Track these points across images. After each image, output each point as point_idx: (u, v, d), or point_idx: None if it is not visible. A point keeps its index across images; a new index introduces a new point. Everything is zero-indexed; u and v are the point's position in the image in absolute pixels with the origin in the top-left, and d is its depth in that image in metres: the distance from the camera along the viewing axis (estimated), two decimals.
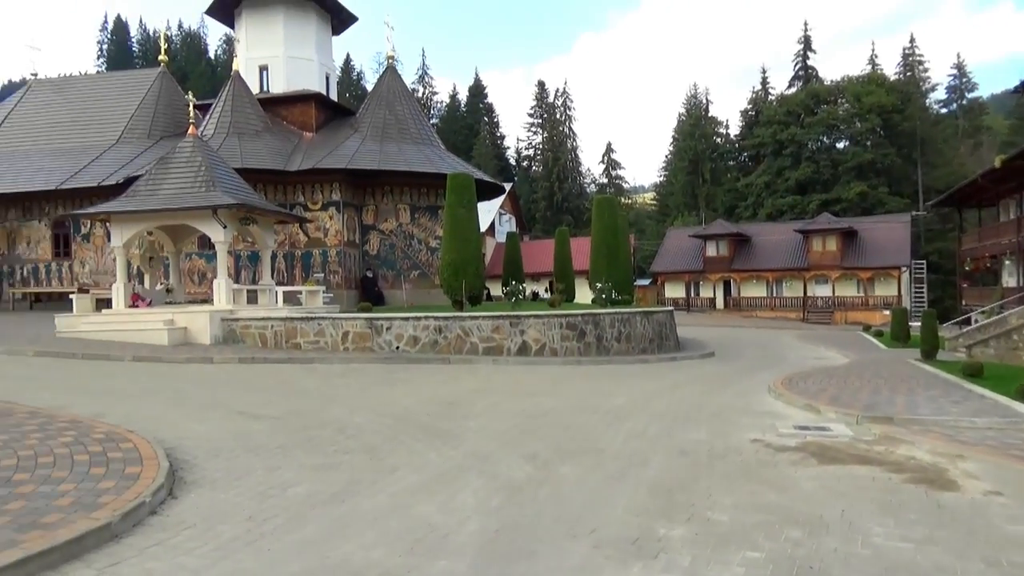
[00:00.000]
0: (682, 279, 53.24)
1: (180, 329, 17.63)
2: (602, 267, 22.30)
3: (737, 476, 6.79)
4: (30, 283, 29.41)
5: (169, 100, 32.40)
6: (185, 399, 10.76)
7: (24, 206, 29.54)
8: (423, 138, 29.45)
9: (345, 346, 17.05)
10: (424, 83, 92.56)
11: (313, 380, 13.16)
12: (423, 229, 28.16)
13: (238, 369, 14.60)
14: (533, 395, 11.59)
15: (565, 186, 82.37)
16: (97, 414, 8.87)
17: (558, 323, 17.11)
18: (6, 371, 13.33)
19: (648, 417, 9.78)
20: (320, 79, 31.08)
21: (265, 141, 26.94)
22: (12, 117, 33.84)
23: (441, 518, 5.55)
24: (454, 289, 18.48)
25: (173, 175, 19.12)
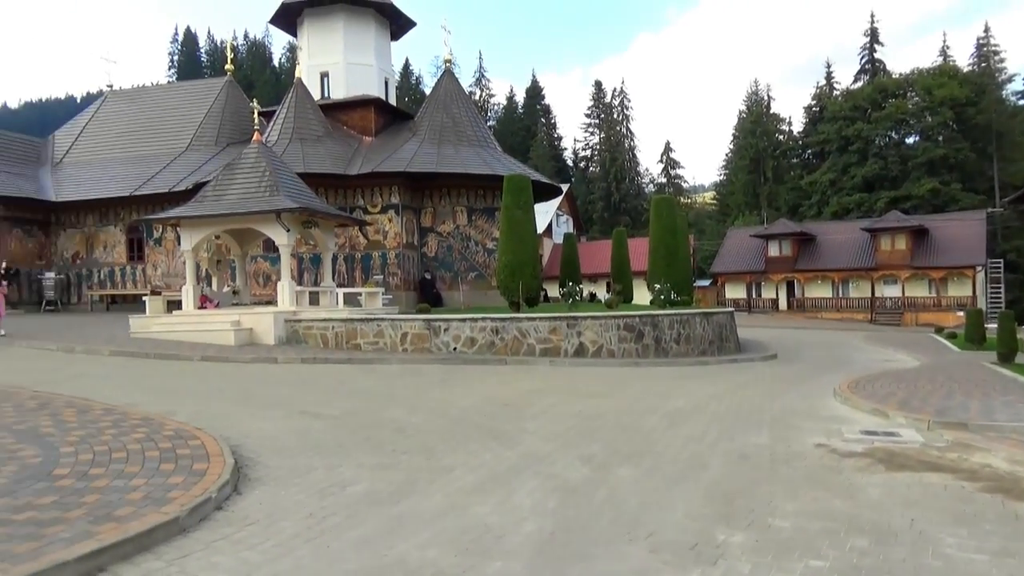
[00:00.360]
0: (743, 280, 52.19)
1: (246, 330, 18.14)
2: (660, 268, 22.03)
3: (800, 482, 6.61)
4: (106, 285, 30.71)
5: (235, 108, 33.41)
6: (250, 398, 11.06)
7: (101, 212, 30.87)
8: (480, 140, 29.63)
9: (404, 347, 17.26)
10: (481, 85, 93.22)
11: (372, 380, 13.36)
12: (480, 231, 28.32)
13: (300, 369, 14.94)
14: (590, 396, 11.52)
15: (623, 186, 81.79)
16: (167, 412, 9.19)
17: (616, 324, 16.97)
18: (85, 370, 13.94)
19: (708, 420, 9.61)
20: (379, 84, 31.58)
21: (326, 146, 27.51)
22: (90, 127, 35.44)
23: (496, 519, 5.56)
24: (511, 290, 18.52)
25: (239, 180, 19.70)
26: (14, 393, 10.36)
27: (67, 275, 30.96)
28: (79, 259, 31.05)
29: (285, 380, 13.17)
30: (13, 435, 7.61)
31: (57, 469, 6.34)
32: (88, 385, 11.65)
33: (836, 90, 75.45)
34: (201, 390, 11.73)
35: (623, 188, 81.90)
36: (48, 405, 9.38)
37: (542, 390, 12.23)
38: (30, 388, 10.93)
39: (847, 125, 65.12)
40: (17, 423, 8.23)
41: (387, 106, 31.77)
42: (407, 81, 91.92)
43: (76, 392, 10.61)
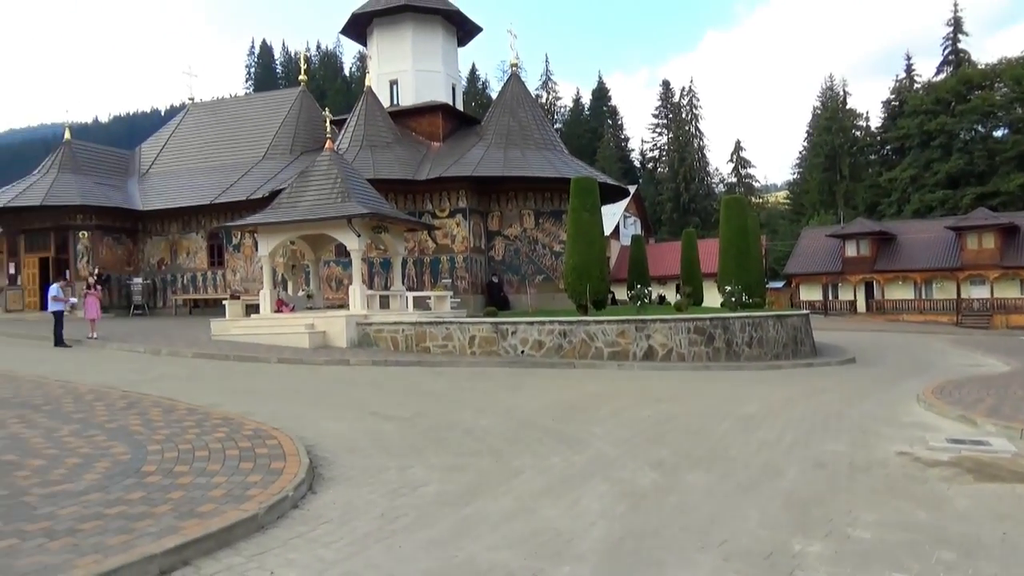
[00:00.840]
0: (818, 281, 50.57)
1: (319, 333, 18.62)
2: (731, 269, 21.57)
3: (881, 491, 6.37)
4: (189, 290, 32.01)
5: (308, 117, 34.38)
6: (324, 399, 11.35)
7: (184, 220, 32.21)
8: (546, 143, 29.63)
9: (472, 350, 17.40)
10: (547, 88, 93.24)
11: (441, 383, 13.51)
12: (547, 234, 28.32)
13: (371, 371, 15.24)
14: (659, 401, 11.37)
15: (692, 187, 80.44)
16: (246, 412, 9.52)
17: (685, 327, 16.70)
18: (170, 371, 14.58)
19: (782, 425, 9.36)
20: (447, 90, 31.96)
21: (395, 152, 28.00)
22: (173, 139, 37.06)
23: (565, 522, 5.55)
24: (578, 293, 18.45)
25: (312, 188, 20.26)
26: (106, 393, 10.91)
27: (153, 280, 32.41)
28: (164, 265, 32.47)
29: (357, 382, 13.46)
30: (105, 433, 8.02)
31: (145, 466, 6.65)
32: (172, 386, 12.17)
33: (917, 83, 72.38)
34: (277, 391, 12.10)
35: (692, 189, 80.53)
36: (136, 405, 9.84)
37: (610, 394, 12.14)
38: (120, 388, 11.49)
39: (929, 119, 62.34)
40: (109, 422, 8.67)
41: (454, 111, 32.10)
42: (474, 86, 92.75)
43: (162, 392, 11.10)
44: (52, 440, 7.66)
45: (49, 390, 11.23)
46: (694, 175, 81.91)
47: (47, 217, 30.52)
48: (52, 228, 30.77)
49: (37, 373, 13.54)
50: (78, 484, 6.06)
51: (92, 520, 5.18)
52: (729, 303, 20.19)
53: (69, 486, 6.00)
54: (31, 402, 10.11)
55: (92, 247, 30.94)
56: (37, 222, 30.76)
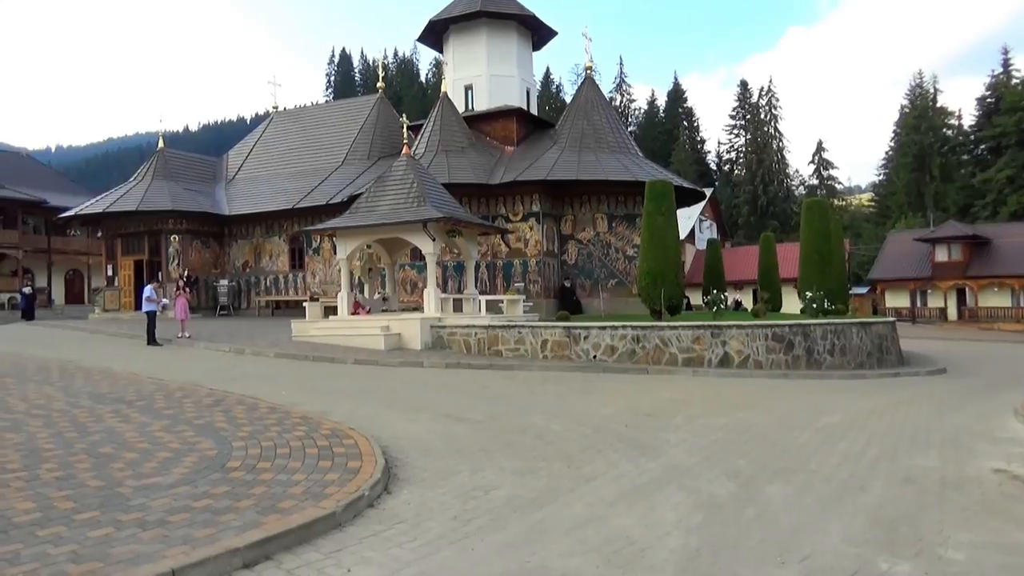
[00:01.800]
0: (906, 287, 48.43)
1: (395, 335, 18.97)
2: (812, 275, 20.88)
3: (976, 510, 6.03)
4: (272, 292, 33.14)
5: (386, 123, 35.12)
6: (398, 400, 11.54)
7: (267, 224, 33.38)
8: (620, 146, 29.39)
9: (544, 354, 17.39)
10: (621, 91, 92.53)
11: (513, 386, 13.55)
12: (620, 238, 28.07)
13: (444, 373, 15.41)
14: (736, 409, 11.09)
15: (770, 189, 78.33)
16: (324, 412, 9.77)
17: (763, 334, 16.26)
18: (253, 370, 15.11)
19: (867, 438, 8.98)
20: (521, 94, 32.09)
21: (469, 157, 28.28)
22: (258, 146, 38.50)
23: (639, 531, 5.47)
24: (652, 298, 18.21)
25: (389, 192, 20.67)
26: (193, 390, 11.40)
27: (238, 282, 33.72)
28: (248, 267, 33.72)
29: (430, 384, 13.64)
30: (193, 429, 8.38)
31: (230, 462, 6.91)
32: (255, 384, 12.61)
33: (1015, 78, 68.46)
34: (354, 391, 12.38)
35: (771, 191, 78.41)
36: (222, 402, 10.24)
37: (685, 401, 11.92)
38: (206, 386, 11.99)
39: None
40: (196, 418, 9.05)
41: (528, 115, 32.20)
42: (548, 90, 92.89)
43: (245, 391, 11.52)
44: (144, 434, 8.05)
45: (142, 387, 11.81)
46: (773, 177, 79.74)
47: (141, 222, 32.17)
48: (146, 232, 32.42)
49: (131, 370, 14.26)
50: (168, 477, 6.34)
51: (181, 512, 5.41)
52: (810, 309, 19.54)
53: (160, 479, 6.28)
54: (126, 398, 10.65)
55: (182, 250, 32.43)
56: (132, 226, 32.48)
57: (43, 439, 7.76)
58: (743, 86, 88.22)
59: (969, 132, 70.59)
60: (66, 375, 13.36)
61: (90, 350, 18.80)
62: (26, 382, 12.26)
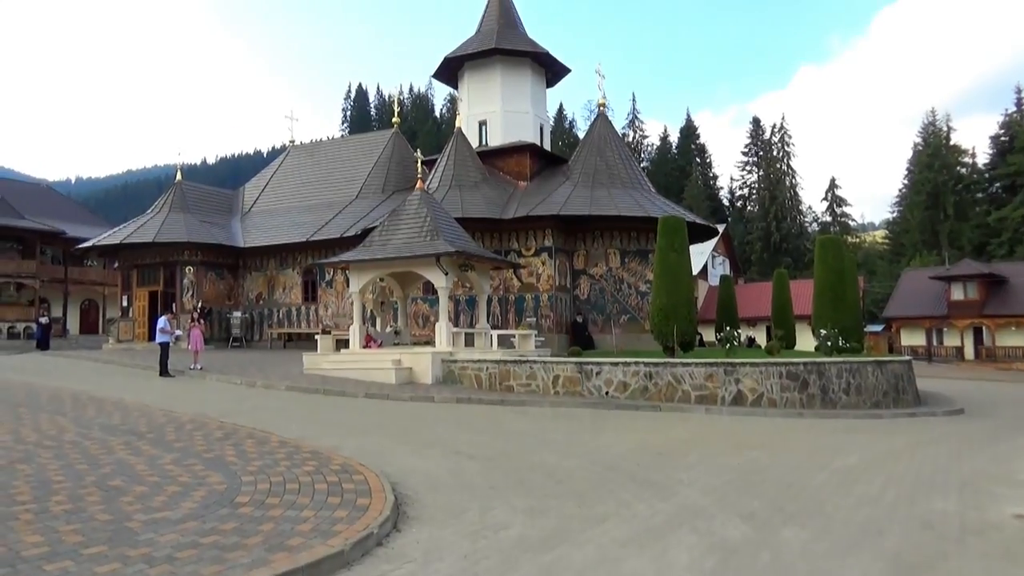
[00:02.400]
0: (921, 325, 47.99)
1: (406, 369, 18.94)
2: (827, 312, 20.75)
3: (997, 557, 5.89)
4: (284, 324, 33.26)
5: (400, 158, 35.50)
6: (408, 435, 11.48)
7: (281, 256, 33.64)
8: (633, 182, 29.54)
9: (555, 390, 17.30)
10: (634, 127, 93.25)
11: (524, 422, 13.46)
12: (633, 273, 28.06)
13: (455, 409, 15.35)
14: (750, 448, 10.95)
15: (783, 226, 78.25)
16: (334, 447, 9.73)
17: (777, 372, 16.11)
18: (264, 403, 15.11)
19: (883, 480, 8.83)
20: (534, 130, 32.42)
21: (483, 192, 28.49)
22: (275, 179, 38.98)
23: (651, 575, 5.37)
24: (665, 334, 18.13)
25: (402, 226, 20.81)
26: (204, 423, 11.40)
27: (251, 314, 33.88)
28: (261, 299, 33.90)
29: (441, 419, 13.58)
30: (203, 463, 8.36)
31: (239, 496, 6.87)
32: (266, 417, 12.60)
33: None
34: (364, 426, 12.33)
35: (784, 228, 78.32)
36: (232, 436, 10.22)
37: (698, 439, 11.79)
38: (217, 419, 11.99)
39: None
40: (206, 451, 9.04)
41: (541, 151, 32.48)
42: (561, 125, 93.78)
43: (256, 424, 11.50)
44: (155, 467, 8.03)
45: (153, 418, 11.82)
46: (785, 214, 79.72)
47: (157, 253, 32.49)
48: (161, 263, 32.70)
49: (143, 402, 14.29)
50: (176, 512, 6.31)
51: (188, 548, 5.37)
52: (824, 347, 19.38)
53: (168, 513, 6.26)
54: (136, 429, 10.66)
55: (196, 282, 32.67)
56: (148, 258, 32.79)
57: (53, 471, 7.77)
58: (755, 123, 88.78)
59: (983, 170, 70.47)
60: (78, 405, 13.41)
61: (103, 381, 18.88)
62: (39, 412, 12.31)
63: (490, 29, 33.16)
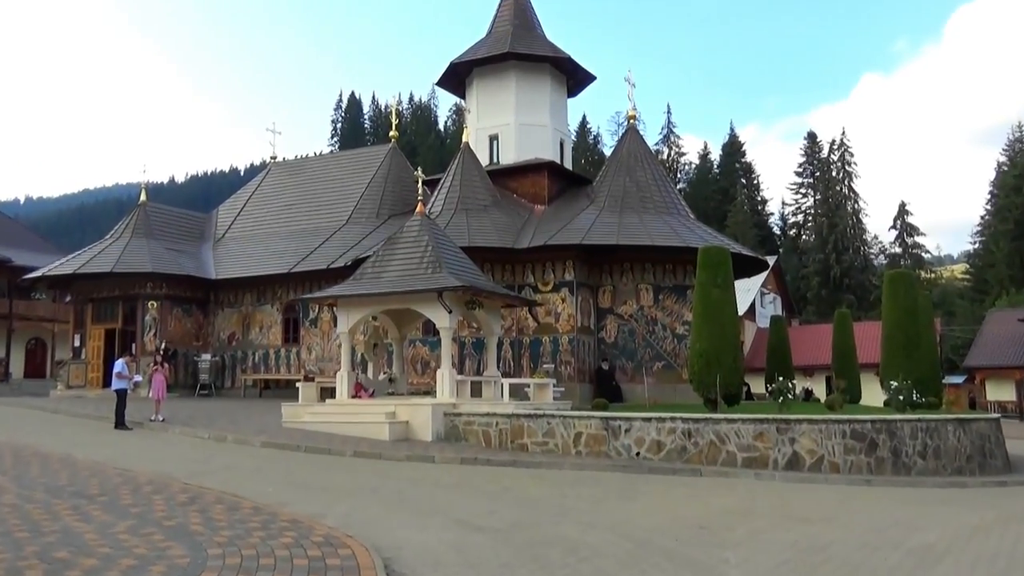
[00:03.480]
0: (1011, 376, 47.47)
1: (401, 423, 18.90)
2: (898, 360, 20.61)
3: None
4: (260, 369, 33.36)
5: (398, 177, 35.88)
6: (404, 502, 11.40)
7: (259, 290, 33.88)
8: (668, 207, 29.67)
9: (577, 449, 17.20)
10: (669, 143, 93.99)
11: (540, 488, 13.36)
12: (668, 313, 28.02)
13: (459, 471, 15.26)
14: (808, 522, 10.80)
15: (844, 258, 78.01)
16: (317, 514, 9.68)
17: (840, 431, 15.96)
18: (235, 461, 15.08)
19: (970, 561, 8.67)
20: (553, 146, 32.70)
21: (493, 217, 28.67)
22: (253, 200, 39.44)
23: None
24: (706, 385, 18.04)
25: (399, 256, 20.94)
26: (166, 484, 11.38)
27: (222, 357, 34.04)
28: (235, 340, 34.08)
29: (442, 483, 13.49)
30: (163, 532, 8.32)
31: (204, 572, 6.82)
32: (238, 479, 12.56)
33: None
34: (352, 489, 12.27)
35: (845, 260, 78.10)
36: (198, 500, 10.19)
37: (746, 510, 11.65)
38: (181, 479, 11.97)
39: None
40: (167, 518, 9.00)
41: (562, 170, 32.73)
42: (584, 140, 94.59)
43: (226, 486, 11.47)
44: (107, 536, 8.00)
45: (106, 478, 11.82)
46: (847, 244, 79.56)
47: (116, 285, 32.78)
48: (120, 297, 32.98)
49: (94, 459, 14.31)
50: None
51: None
52: (895, 402, 19.21)
53: None
54: (87, 491, 10.65)
55: (160, 319, 32.90)
56: (106, 290, 33.08)
57: None
58: (811, 139, 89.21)
59: None
60: (20, 462, 13.43)
61: (50, 433, 18.93)
62: None
63: (504, 31, 33.69)
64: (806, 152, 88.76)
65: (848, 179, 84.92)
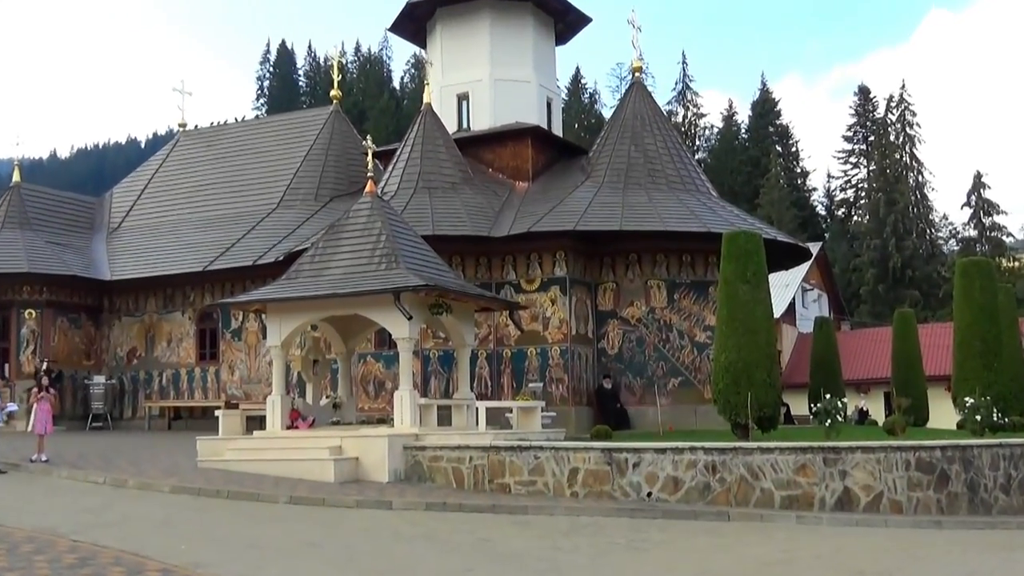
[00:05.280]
0: None
1: (350, 460, 18.84)
2: (974, 371, 20.79)
3: None
4: (169, 395, 33.09)
5: (342, 148, 35.72)
6: (354, 560, 11.36)
7: (166, 294, 33.59)
8: (685, 182, 29.73)
9: (572, 490, 17.23)
10: (685, 102, 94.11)
11: (527, 539, 13.38)
12: (686, 316, 28.07)
13: (425, 519, 15.21)
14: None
15: (906, 244, 78.53)
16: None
17: (902, 461, 16.07)
18: (138, 512, 14.96)
19: None
20: (539, 106, 32.60)
21: (463, 197, 28.59)
22: (156, 180, 39.12)
23: None
24: (734, 406, 18.13)
25: (345, 249, 20.88)
26: (50, 542, 11.27)
27: (120, 379, 33.74)
28: (136, 357, 33.78)
29: (403, 535, 13.47)
30: None
31: None
32: (141, 533, 12.45)
33: None
34: (288, 546, 12.21)
35: (907, 247, 78.57)
36: (91, 561, 10.11)
37: (786, 563, 11.75)
38: (69, 536, 11.85)
39: None
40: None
41: (549, 137, 32.69)
42: (578, 100, 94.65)
43: (126, 543, 11.37)
44: None
45: None
46: (910, 226, 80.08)
47: None
48: None
49: None
50: None
51: None
52: (972, 423, 19.39)
53: None
54: None
55: (41, 331, 32.58)
56: None
57: None
58: (863, 94, 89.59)
59: None
60: None
61: None
62: None
63: None
64: (857, 111, 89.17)
65: (910, 144, 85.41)
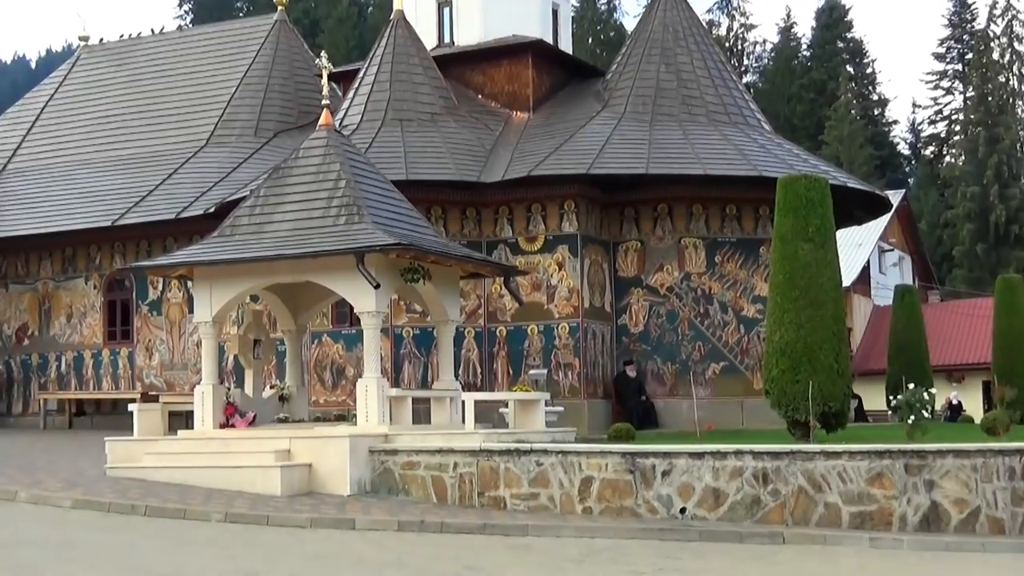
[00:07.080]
0: None
1: (301, 467, 18.86)
2: None
3: None
4: (70, 384, 33.04)
5: (290, 68, 35.52)
6: None
7: (64, 255, 33.47)
8: (729, 112, 29.67)
9: (585, 505, 17.28)
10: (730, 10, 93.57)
11: (526, 569, 13.42)
12: (730, 283, 28.08)
13: (396, 543, 15.24)
14: None
15: (1011, 193, 78.43)
16: None
17: (1006, 468, 16.09)
18: (29, 533, 14.97)
19: None
20: (541, 16, 32.48)
21: (445, 132, 28.50)
22: (51, 109, 38.88)
23: None
24: (791, 398, 18.16)
25: (293, 197, 20.77)
26: None
27: (8, 364, 33.74)
28: (27, 337, 33.75)
29: (369, 563, 13.49)
30: None
31: None
32: (36, 562, 12.46)
33: None
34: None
35: (1013, 197, 78.51)
36: None
37: None
38: None
39: None
40: None
41: (556, 54, 32.58)
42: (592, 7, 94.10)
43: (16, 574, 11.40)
44: None
45: None
46: (1018, 170, 79.98)
47: None
48: None
49: None
50: None
51: None
52: None
53: None
54: None
55: None
56: None
57: None
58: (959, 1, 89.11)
59: None
60: None
61: None
62: None
63: None
64: (952, 20, 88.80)
65: (1019, 65, 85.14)
